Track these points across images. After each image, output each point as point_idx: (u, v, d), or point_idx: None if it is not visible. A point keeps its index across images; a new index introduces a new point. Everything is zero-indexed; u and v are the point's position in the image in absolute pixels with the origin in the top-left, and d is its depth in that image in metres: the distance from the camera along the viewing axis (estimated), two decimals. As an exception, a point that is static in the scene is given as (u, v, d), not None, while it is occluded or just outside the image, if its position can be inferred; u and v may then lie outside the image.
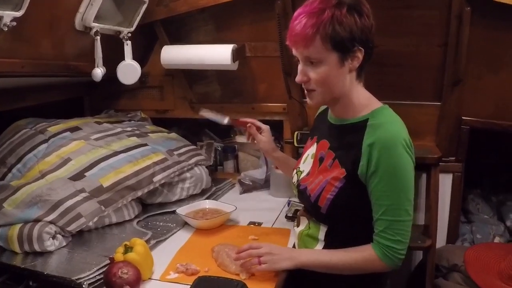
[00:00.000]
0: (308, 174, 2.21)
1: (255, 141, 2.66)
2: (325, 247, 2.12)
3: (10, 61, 2.44)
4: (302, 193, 2.21)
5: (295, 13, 1.96)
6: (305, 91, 2.08)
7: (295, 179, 2.31)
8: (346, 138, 2.04)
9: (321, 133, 2.24)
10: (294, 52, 2.02)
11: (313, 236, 2.17)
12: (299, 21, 1.92)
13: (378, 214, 1.94)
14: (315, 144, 2.24)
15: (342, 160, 2.02)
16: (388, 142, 1.90)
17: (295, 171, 2.34)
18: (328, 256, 2.06)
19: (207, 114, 2.86)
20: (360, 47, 1.93)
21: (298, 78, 2.04)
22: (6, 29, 2.15)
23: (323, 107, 2.39)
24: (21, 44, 2.47)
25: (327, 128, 2.20)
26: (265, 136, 2.65)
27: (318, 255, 2.10)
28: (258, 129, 2.66)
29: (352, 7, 1.89)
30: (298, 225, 2.33)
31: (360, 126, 1.98)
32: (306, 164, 2.26)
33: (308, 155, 2.27)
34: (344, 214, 2.05)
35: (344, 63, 1.94)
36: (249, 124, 2.64)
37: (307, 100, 2.10)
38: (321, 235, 2.14)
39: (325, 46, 1.89)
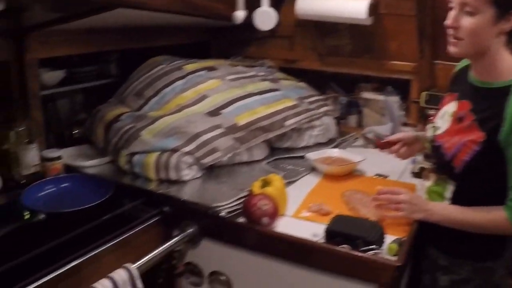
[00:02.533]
0: (444, 132, 2.17)
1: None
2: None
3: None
4: (436, 150, 2.18)
5: None
6: (451, 39, 2.02)
7: (430, 133, 2.27)
8: (489, 102, 1.99)
9: (462, 92, 2.18)
10: None
11: (440, 193, 2.17)
12: None
13: None
14: (455, 102, 2.19)
15: (482, 123, 1.98)
16: None
17: (431, 125, 2.31)
18: (460, 213, 2.05)
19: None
20: None
21: (448, 22, 1.99)
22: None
23: (462, 64, 2.31)
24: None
25: (468, 88, 2.14)
26: (412, 146, 2.57)
27: (450, 211, 2.09)
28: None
29: None
30: (426, 179, 2.33)
31: (505, 91, 1.93)
32: (443, 121, 2.22)
33: (446, 112, 2.22)
34: (477, 177, 2.03)
35: (498, 21, 1.89)
36: (397, 149, 2.56)
37: (450, 48, 2.04)
38: (448, 193, 2.13)
39: None
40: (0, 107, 2.61)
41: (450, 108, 2.21)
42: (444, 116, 2.22)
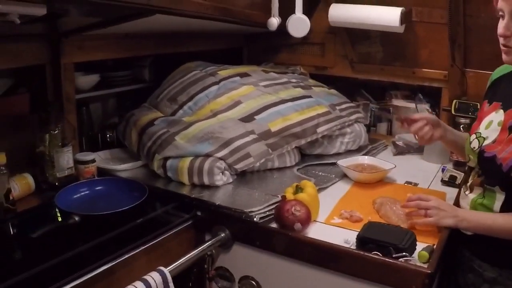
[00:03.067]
0: (494, 141, 2.08)
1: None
2: None
3: (198, 2, 2.54)
4: (488, 161, 2.08)
5: None
6: (502, 47, 2.00)
7: (475, 144, 2.18)
8: None
9: (508, 100, 2.12)
10: (499, 5, 1.95)
11: (488, 206, 2.09)
12: None
13: None
14: (501, 111, 2.13)
15: None
16: None
17: (474, 135, 2.22)
18: (491, 219, 2.03)
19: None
20: None
21: (500, 31, 1.96)
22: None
23: (500, 72, 2.28)
24: (208, -12, 2.59)
25: None
26: (439, 131, 2.45)
27: (481, 217, 2.07)
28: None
29: None
30: (470, 191, 2.23)
31: None
32: (490, 130, 2.14)
33: (493, 121, 2.14)
34: None
35: None
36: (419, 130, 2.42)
37: (503, 57, 2.02)
38: (497, 206, 2.06)
39: None
40: (36, 109, 2.66)
41: (496, 117, 2.14)
42: (491, 126, 2.15)
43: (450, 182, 2.74)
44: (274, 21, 2.94)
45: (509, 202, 2.03)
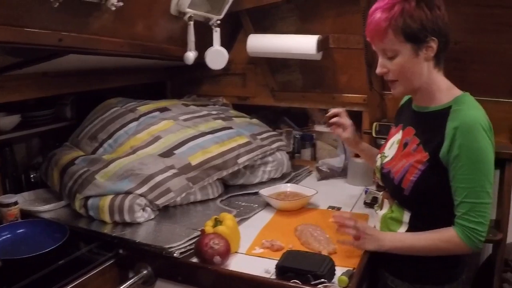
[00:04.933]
0: (392, 158, 2.27)
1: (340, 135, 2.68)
2: (408, 230, 2.17)
3: (112, 40, 2.55)
4: (385, 176, 2.26)
5: (371, 9, 2.06)
6: (388, 82, 2.16)
7: (378, 163, 2.36)
8: (430, 124, 2.09)
9: (406, 121, 2.29)
10: (373, 46, 2.11)
11: (397, 219, 2.22)
12: (374, 16, 2.02)
13: (461, 197, 1.98)
14: (400, 131, 2.30)
15: (426, 144, 2.08)
16: (471, 126, 1.95)
17: (379, 155, 2.40)
18: (410, 240, 2.11)
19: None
20: (433, 37, 1.99)
21: (378, 70, 2.14)
22: (114, 8, 2.26)
23: (406, 97, 2.44)
24: (122, 25, 2.59)
25: (411, 115, 2.26)
26: (348, 133, 2.64)
27: (401, 239, 2.15)
28: (341, 125, 2.66)
29: (421, 0, 1.97)
30: (380, 208, 2.38)
31: (444, 112, 2.03)
32: (391, 149, 2.32)
33: (394, 141, 2.33)
34: (425, 197, 2.10)
35: (419, 53, 2.01)
36: (332, 126, 2.66)
37: (392, 91, 2.18)
38: (406, 218, 2.18)
39: (398, 39, 1.98)
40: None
41: (396, 137, 2.33)
42: (392, 145, 2.33)
43: (372, 203, 2.79)
44: (191, 55, 2.96)
45: (415, 214, 2.16)
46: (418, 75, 2.06)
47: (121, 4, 2.27)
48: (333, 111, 2.65)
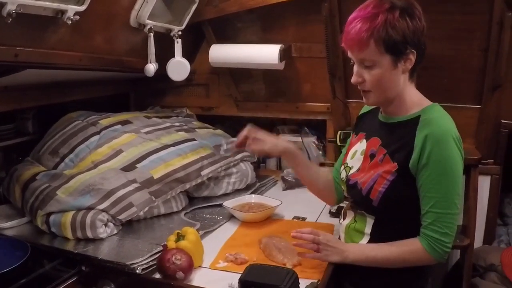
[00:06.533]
0: (358, 170, 2.24)
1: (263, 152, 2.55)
2: (370, 241, 2.16)
3: (69, 54, 2.53)
4: (352, 188, 2.23)
5: (350, 18, 2.03)
6: (361, 92, 2.13)
7: (343, 175, 2.35)
8: (398, 134, 2.09)
9: (370, 130, 2.27)
10: (349, 54, 2.07)
11: (359, 230, 2.21)
12: (354, 25, 1.98)
13: (428, 207, 1.98)
14: (364, 140, 2.28)
15: (394, 154, 2.06)
16: (441, 135, 1.95)
17: (342, 167, 2.39)
18: (374, 252, 2.10)
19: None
20: (412, 50, 1.98)
21: (353, 79, 2.09)
22: (70, 22, 2.25)
23: (367, 107, 2.42)
24: (80, 38, 2.57)
25: (377, 126, 2.24)
26: (265, 142, 2.46)
27: (365, 251, 2.14)
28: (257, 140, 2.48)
29: (404, 10, 1.95)
30: (343, 219, 2.37)
31: (413, 122, 2.03)
32: (355, 160, 2.30)
33: (357, 151, 2.31)
34: (394, 207, 2.09)
35: (397, 65, 2.00)
36: (248, 145, 2.48)
37: (364, 100, 2.16)
38: (368, 228, 2.18)
39: (379, 50, 1.96)
40: None
41: (359, 147, 2.30)
42: (355, 156, 2.31)
43: (338, 213, 2.77)
44: (151, 67, 2.96)
45: (379, 225, 2.15)
46: (393, 86, 2.05)
47: (77, 18, 2.26)
48: (241, 134, 2.50)
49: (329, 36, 3.12)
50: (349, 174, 2.29)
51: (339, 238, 2.38)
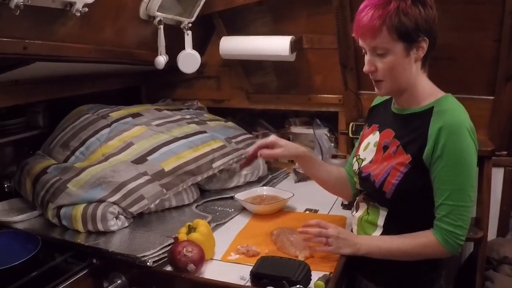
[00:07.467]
0: (371, 161, 2.22)
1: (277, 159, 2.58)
2: (383, 233, 2.14)
3: (79, 46, 2.52)
4: (365, 180, 2.22)
5: (361, 6, 2.00)
6: (373, 82, 2.10)
7: (356, 167, 2.33)
8: (412, 125, 2.06)
9: (384, 122, 2.25)
10: (360, 43, 2.05)
11: (372, 222, 2.19)
12: (366, 13, 1.96)
13: (442, 199, 1.95)
14: (377, 132, 2.26)
15: (407, 146, 2.04)
16: (455, 127, 1.92)
17: (355, 158, 2.36)
18: (388, 244, 2.08)
19: None
20: (425, 37, 1.95)
21: (366, 68, 2.06)
22: (79, 14, 2.24)
23: (380, 98, 2.40)
24: (89, 31, 2.56)
25: (391, 117, 2.21)
26: (279, 147, 2.44)
27: (379, 243, 2.12)
28: (271, 145, 2.46)
29: None
30: (356, 211, 2.35)
31: (426, 113, 2.01)
32: (367, 152, 2.28)
33: (370, 143, 2.28)
34: (407, 200, 2.06)
35: (410, 53, 1.97)
36: (259, 154, 2.44)
37: (376, 90, 2.13)
38: (380, 221, 2.16)
39: (391, 37, 1.93)
40: None
41: (372, 139, 2.28)
42: (368, 147, 2.28)
43: (350, 205, 2.74)
44: (161, 59, 2.94)
45: (392, 217, 2.13)
46: (406, 75, 2.02)
47: (86, 9, 2.24)
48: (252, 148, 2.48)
49: (340, 27, 3.09)
50: (362, 166, 2.27)
51: (352, 230, 2.37)
